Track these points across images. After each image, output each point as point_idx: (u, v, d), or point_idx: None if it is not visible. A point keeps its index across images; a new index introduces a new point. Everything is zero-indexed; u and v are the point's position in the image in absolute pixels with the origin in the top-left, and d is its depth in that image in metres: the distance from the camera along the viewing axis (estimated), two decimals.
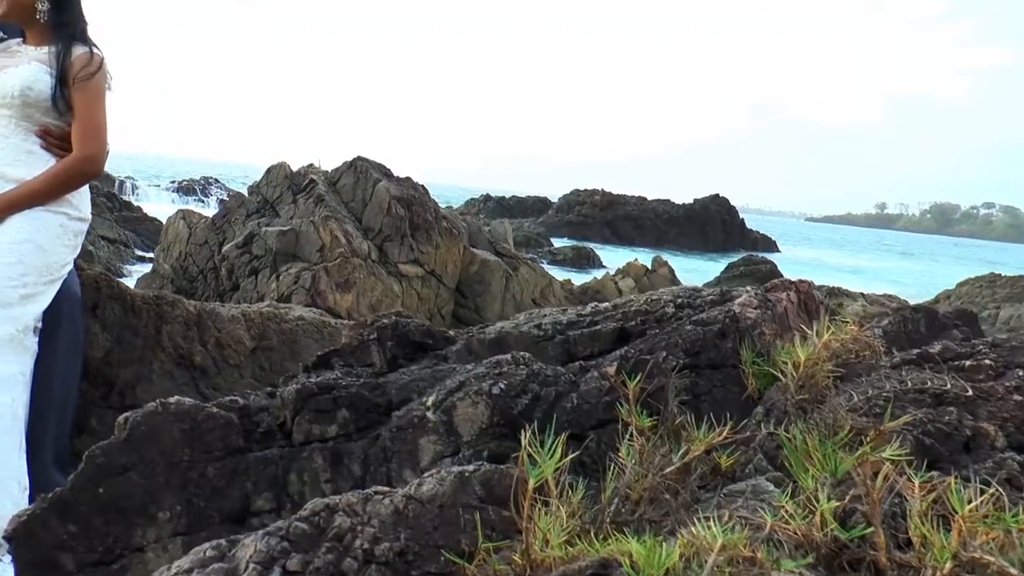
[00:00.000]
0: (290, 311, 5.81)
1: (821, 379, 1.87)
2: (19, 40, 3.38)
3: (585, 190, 55.26)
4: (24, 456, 3.06)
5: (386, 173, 8.27)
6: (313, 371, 2.39)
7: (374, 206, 7.84)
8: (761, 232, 64.44)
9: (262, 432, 2.05)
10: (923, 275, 55.23)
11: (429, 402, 2.03)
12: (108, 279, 4.59)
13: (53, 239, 3.23)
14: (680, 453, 1.68)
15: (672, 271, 13.29)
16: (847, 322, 2.47)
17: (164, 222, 24.00)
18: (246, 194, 8.84)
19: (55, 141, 3.29)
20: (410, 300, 7.92)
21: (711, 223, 57.93)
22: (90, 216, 3.48)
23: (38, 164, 3.22)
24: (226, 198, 46.41)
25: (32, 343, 3.11)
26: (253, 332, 5.37)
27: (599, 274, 29.87)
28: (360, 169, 8.04)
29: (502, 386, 2.02)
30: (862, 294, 22.14)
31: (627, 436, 1.88)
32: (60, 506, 1.82)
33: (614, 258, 38.04)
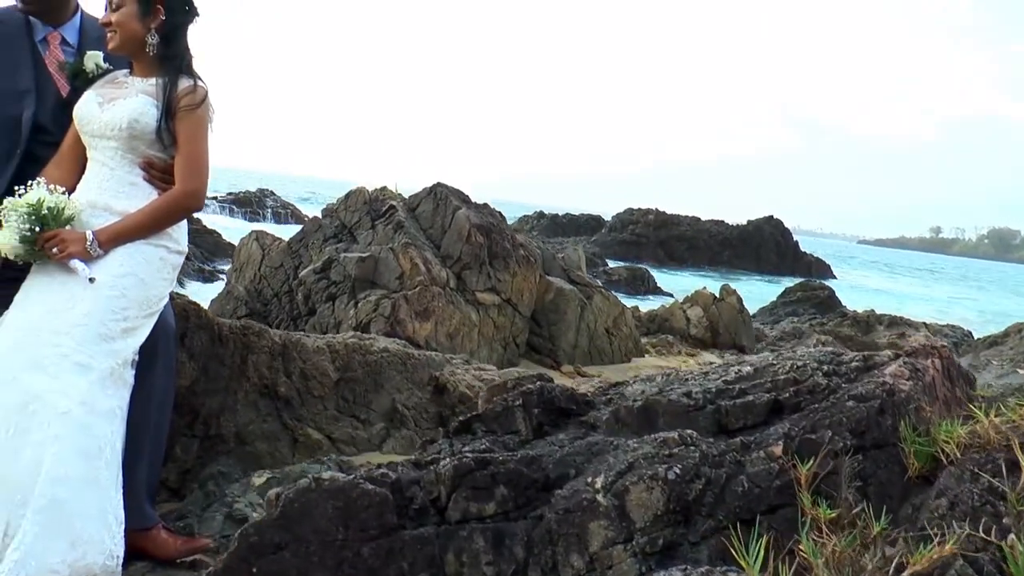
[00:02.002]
0: (374, 343, 5.75)
1: None
2: (126, 71, 3.36)
3: (639, 209, 54.84)
4: (121, 490, 3.02)
5: (464, 199, 8.21)
6: (455, 436, 2.29)
7: (453, 233, 7.79)
8: (815, 255, 63.54)
9: (416, 509, 1.94)
10: (987, 303, 53.99)
11: (598, 484, 1.91)
12: (197, 308, 4.57)
13: (154, 272, 3.20)
14: (894, 566, 1.54)
15: (740, 300, 13.05)
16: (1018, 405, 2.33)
17: (221, 235, 24.27)
18: (313, 213, 8.81)
19: (158, 174, 3.26)
20: (487, 329, 7.83)
21: (765, 245, 57.23)
22: (187, 249, 3.45)
23: (141, 196, 3.20)
24: (281, 211, 46.93)
25: (130, 376, 3.08)
26: (338, 363, 5.33)
27: (657, 299, 29.64)
28: (440, 195, 7.99)
29: (677, 471, 1.89)
30: (924, 324, 21.63)
31: (805, 527, 1.76)
32: None
33: (668, 280, 37.73)
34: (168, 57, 3.23)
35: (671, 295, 31.33)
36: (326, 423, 5.11)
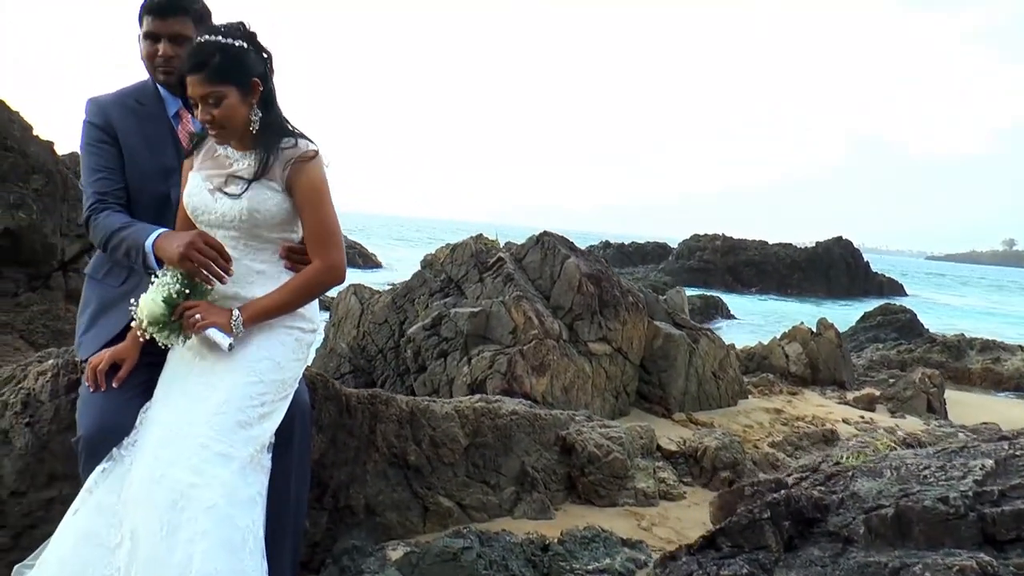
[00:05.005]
0: (502, 405, 5.61)
1: None
2: (226, 146, 3.13)
3: (705, 235, 54.40)
4: None
5: (571, 247, 8.06)
6: (698, 553, 2.10)
7: (563, 283, 7.63)
8: (887, 275, 62.34)
9: None
10: None
11: None
12: (324, 380, 4.49)
13: (289, 354, 3.06)
14: None
15: (838, 334, 12.66)
16: None
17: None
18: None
19: (298, 257, 3.12)
20: (599, 379, 7.65)
21: (835, 267, 56.34)
22: (319, 324, 3.32)
23: (270, 284, 3.02)
24: (348, 251, 47.16)
25: (267, 461, 2.96)
26: (467, 429, 5.21)
27: (731, 327, 29.23)
28: (547, 245, 7.85)
29: None
30: (1021, 347, 20.86)
31: None
32: None
33: (740, 306, 37.22)
34: (268, 123, 2.97)
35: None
36: (456, 490, 4.99)
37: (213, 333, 2.87)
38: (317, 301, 3.26)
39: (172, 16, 3.32)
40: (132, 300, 2.99)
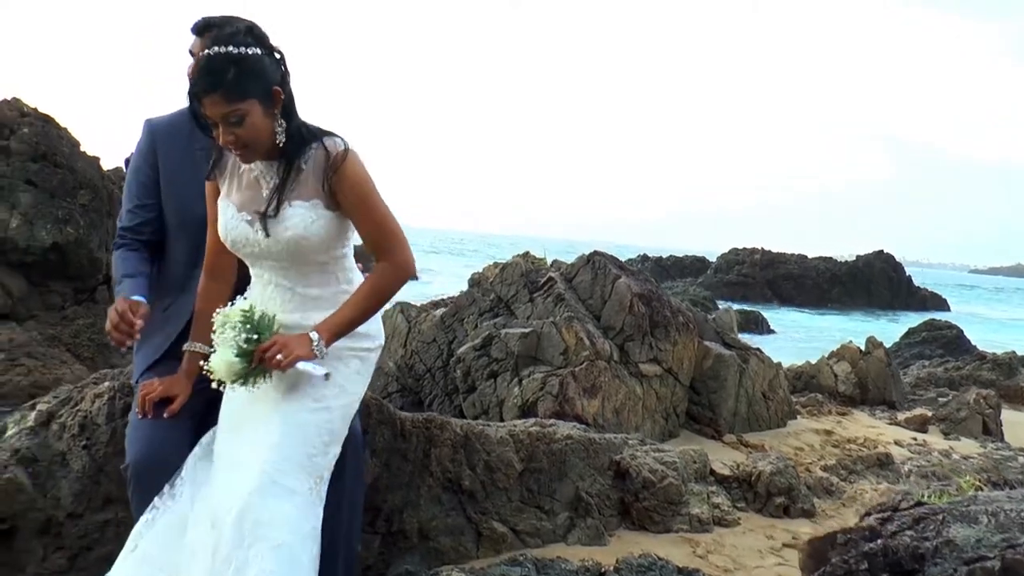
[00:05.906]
0: (557, 429, 5.53)
1: None
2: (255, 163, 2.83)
3: (744, 249, 54.00)
4: None
5: (622, 267, 7.98)
6: None
7: (614, 303, 7.54)
8: (929, 289, 61.58)
9: None
10: None
11: None
12: (379, 403, 4.44)
13: (352, 376, 2.95)
14: None
15: (887, 353, 12.42)
16: None
17: None
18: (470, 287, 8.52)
19: None
20: (650, 401, 7.54)
21: (876, 281, 55.74)
22: (383, 339, 3.19)
23: (328, 308, 2.85)
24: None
25: (323, 491, 2.84)
26: (522, 454, 5.14)
27: (772, 343, 28.96)
28: (598, 264, 7.77)
29: None
30: None
31: None
32: None
33: (780, 321, 36.87)
34: (292, 133, 2.73)
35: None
36: (510, 515, 4.92)
37: (304, 366, 2.74)
38: (380, 316, 3.14)
39: (203, 35, 3.31)
40: (202, 362, 2.82)
